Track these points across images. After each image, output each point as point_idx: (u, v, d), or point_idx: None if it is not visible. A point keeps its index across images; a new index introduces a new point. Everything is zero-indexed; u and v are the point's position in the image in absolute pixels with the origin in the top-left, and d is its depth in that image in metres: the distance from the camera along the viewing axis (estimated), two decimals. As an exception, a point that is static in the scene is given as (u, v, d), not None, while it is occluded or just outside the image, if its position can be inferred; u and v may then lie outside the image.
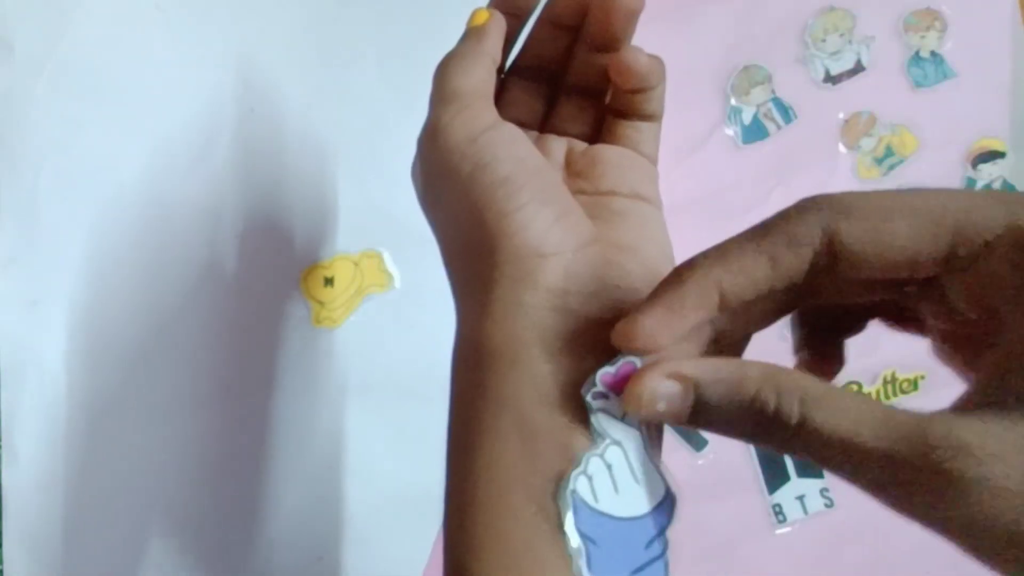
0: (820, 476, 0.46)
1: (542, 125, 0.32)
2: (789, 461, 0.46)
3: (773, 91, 0.46)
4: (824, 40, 0.46)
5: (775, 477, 0.46)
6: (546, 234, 0.26)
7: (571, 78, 0.31)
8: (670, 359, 0.22)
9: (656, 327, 0.23)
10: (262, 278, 0.42)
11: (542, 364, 0.24)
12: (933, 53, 0.47)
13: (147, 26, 0.41)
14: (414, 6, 0.44)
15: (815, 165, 0.47)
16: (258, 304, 0.42)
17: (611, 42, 0.29)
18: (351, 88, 0.43)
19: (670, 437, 0.45)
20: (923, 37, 0.47)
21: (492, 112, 0.28)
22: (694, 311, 0.22)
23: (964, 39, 0.47)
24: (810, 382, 0.21)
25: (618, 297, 0.26)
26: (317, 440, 0.43)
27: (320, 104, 0.43)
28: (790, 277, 0.22)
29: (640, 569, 0.23)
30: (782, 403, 0.20)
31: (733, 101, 0.46)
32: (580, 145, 0.31)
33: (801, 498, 0.46)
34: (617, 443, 0.24)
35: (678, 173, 0.46)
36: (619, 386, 0.24)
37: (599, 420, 0.24)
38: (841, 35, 0.46)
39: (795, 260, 0.22)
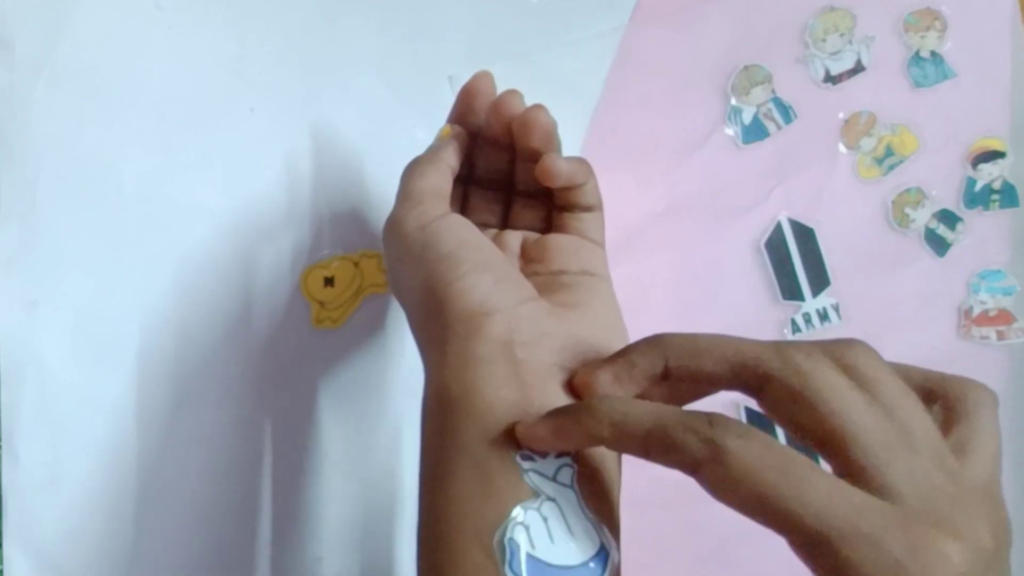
0: (820, 476, 0.46)
1: (502, 223, 0.37)
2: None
3: (773, 91, 0.46)
4: (824, 40, 0.46)
5: (775, 477, 0.46)
6: (487, 295, 0.29)
7: (518, 184, 0.37)
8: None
9: (611, 382, 0.27)
10: (262, 278, 0.42)
11: (495, 410, 0.27)
12: (933, 53, 0.47)
13: (147, 26, 0.41)
14: (414, 6, 0.44)
15: (815, 165, 0.47)
16: (258, 304, 0.42)
17: (534, 155, 0.34)
18: (351, 88, 0.43)
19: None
20: (923, 37, 0.47)
21: (443, 206, 0.33)
22: (642, 374, 0.27)
23: (964, 39, 0.47)
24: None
25: (561, 344, 0.29)
26: (317, 440, 0.43)
27: (320, 104, 0.43)
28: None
29: None
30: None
31: (733, 101, 0.46)
32: (534, 236, 0.36)
33: (801, 498, 0.46)
34: (552, 499, 0.26)
35: (678, 173, 0.46)
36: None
37: (531, 478, 0.26)
38: (841, 35, 0.46)
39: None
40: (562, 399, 0.28)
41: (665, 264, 0.46)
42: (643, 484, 0.46)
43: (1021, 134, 0.47)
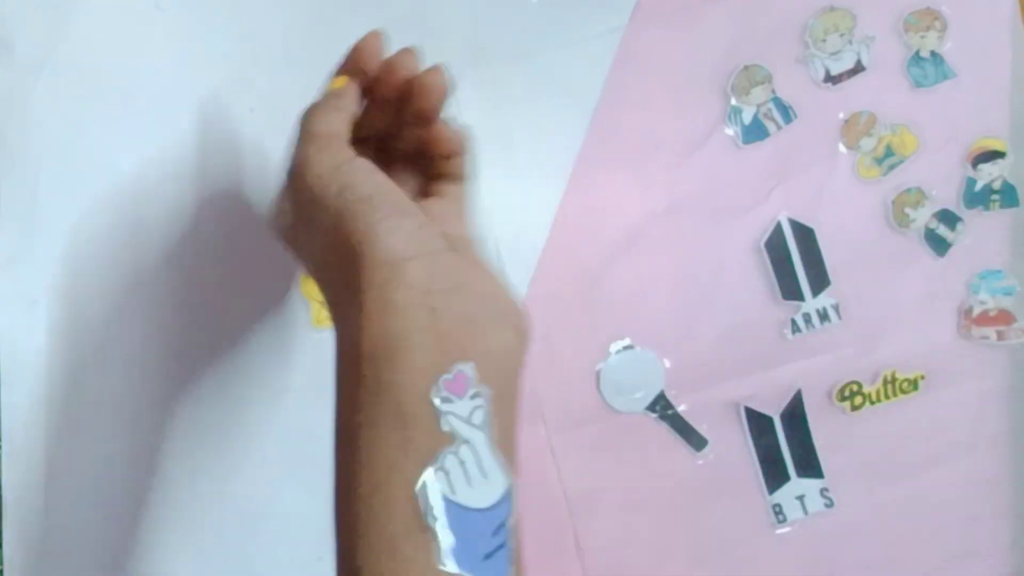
0: (820, 476, 0.46)
1: None
2: (789, 461, 0.46)
3: (773, 91, 0.46)
4: (824, 40, 0.46)
5: (775, 477, 0.46)
6: (408, 240, 0.29)
7: (400, 146, 0.36)
8: None
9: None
10: (262, 278, 0.42)
11: (414, 357, 0.27)
12: (933, 53, 0.47)
13: (147, 26, 0.41)
14: (414, 6, 0.44)
15: (815, 165, 0.47)
16: (258, 304, 0.42)
17: (427, 118, 0.34)
18: (351, 88, 0.43)
19: (670, 437, 0.45)
20: (923, 37, 0.47)
21: (350, 150, 0.32)
22: None
23: (964, 39, 0.47)
24: None
25: (471, 295, 0.29)
26: (317, 440, 0.43)
27: (320, 104, 0.43)
28: None
29: (489, 555, 0.26)
30: None
31: (733, 101, 0.46)
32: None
33: (801, 498, 0.46)
34: (467, 442, 0.27)
35: (678, 173, 0.46)
36: (458, 390, 0.27)
37: (448, 421, 0.27)
38: (841, 35, 0.46)
39: None
40: (478, 350, 0.28)
41: (665, 264, 0.46)
42: (643, 484, 0.46)
43: (1021, 134, 0.47)
